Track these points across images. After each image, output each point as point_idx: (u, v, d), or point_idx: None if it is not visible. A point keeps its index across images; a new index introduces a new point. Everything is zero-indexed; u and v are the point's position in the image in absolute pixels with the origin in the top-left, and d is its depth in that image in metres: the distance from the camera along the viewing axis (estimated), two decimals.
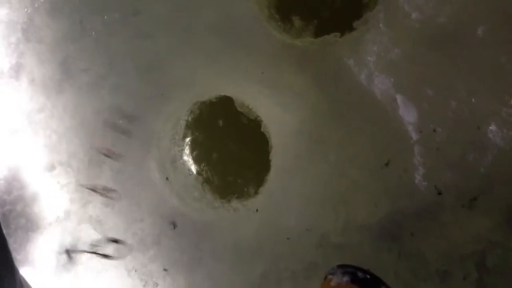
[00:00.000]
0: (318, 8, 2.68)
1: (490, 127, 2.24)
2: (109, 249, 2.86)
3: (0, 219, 3.01)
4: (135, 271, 2.98)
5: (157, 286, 2.96)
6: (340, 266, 1.98)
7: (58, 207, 3.06)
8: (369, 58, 2.42)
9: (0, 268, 2.54)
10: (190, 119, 3.04)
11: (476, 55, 2.26)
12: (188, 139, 3.09)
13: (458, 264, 2.36)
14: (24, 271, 3.03)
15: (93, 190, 2.72)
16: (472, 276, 2.35)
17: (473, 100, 2.27)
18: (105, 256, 2.76)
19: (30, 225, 3.06)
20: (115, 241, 2.72)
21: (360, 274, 1.90)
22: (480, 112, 2.26)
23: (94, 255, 2.77)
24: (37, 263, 3.08)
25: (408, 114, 2.38)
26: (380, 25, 2.39)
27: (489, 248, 2.31)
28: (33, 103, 3.03)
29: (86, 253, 2.71)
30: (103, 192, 2.63)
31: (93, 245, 2.81)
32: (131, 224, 2.97)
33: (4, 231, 2.92)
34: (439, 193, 2.37)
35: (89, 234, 3.03)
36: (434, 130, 2.34)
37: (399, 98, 2.39)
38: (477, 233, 2.33)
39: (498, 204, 2.30)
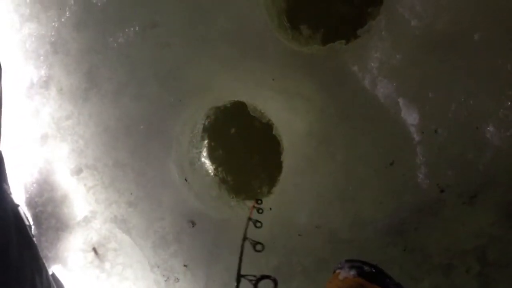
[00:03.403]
0: (324, 17, 2.74)
1: (488, 128, 2.30)
2: None
3: (33, 219, 3.19)
4: (158, 267, 3.11)
5: (178, 281, 3.08)
6: (348, 261, 1.97)
7: (85, 208, 3.21)
8: (373, 64, 2.49)
9: (32, 267, 2.74)
10: (206, 123, 3.13)
11: (473, 59, 2.33)
12: (205, 142, 3.19)
13: (460, 258, 2.45)
14: (55, 268, 3.20)
15: None
16: (474, 269, 2.43)
17: (471, 102, 2.33)
18: None
19: (60, 225, 3.21)
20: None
21: (366, 268, 1.90)
22: (478, 113, 2.32)
23: None
24: (67, 260, 3.23)
25: (410, 116, 2.44)
26: (382, 32, 2.46)
27: (490, 242, 2.39)
28: (62, 110, 3.17)
29: None
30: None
31: None
32: (153, 222, 3.09)
33: (36, 231, 3.11)
34: (441, 191, 2.43)
35: (115, 233, 3.19)
36: (435, 131, 2.41)
37: (401, 101, 2.45)
38: (478, 228, 2.40)
39: (497, 201, 2.36)
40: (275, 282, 2.15)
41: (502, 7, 2.26)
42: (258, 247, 2.42)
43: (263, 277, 2.18)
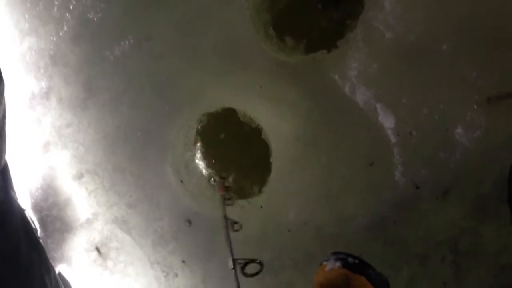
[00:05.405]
0: (307, 29, 2.88)
1: (457, 130, 2.52)
2: None
3: (38, 222, 3.35)
4: (157, 263, 3.30)
5: (177, 276, 3.27)
6: (334, 253, 2.02)
7: (88, 210, 3.38)
8: (351, 72, 2.68)
9: (40, 267, 2.90)
10: (199, 127, 3.27)
11: (442, 67, 2.53)
12: (198, 145, 3.34)
13: (435, 248, 2.66)
14: (61, 267, 3.37)
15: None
16: (448, 258, 2.64)
17: (442, 106, 2.55)
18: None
19: (65, 227, 3.38)
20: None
21: (350, 260, 1.98)
22: (448, 117, 2.54)
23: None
24: (72, 260, 3.42)
25: (387, 120, 2.65)
26: (360, 43, 2.64)
27: (461, 234, 2.61)
28: (62, 119, 3.32)
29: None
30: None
31: None
32: (152, 222, 3.27)
33: (43, 233, 3.27)
34: (417, 187, 2.65)
35: (116, 233, 3.36)
36: (410, 133, 2.62)
37: (378, 106, 2.65)
38: (451, 221, 2.62)
39: (467, 196, 2.58)
40: (261, 264, 2.47)
41: (467, 20, 2.45)
42: (237, 226, 2.73)
43: (251, 260, 2.49)
